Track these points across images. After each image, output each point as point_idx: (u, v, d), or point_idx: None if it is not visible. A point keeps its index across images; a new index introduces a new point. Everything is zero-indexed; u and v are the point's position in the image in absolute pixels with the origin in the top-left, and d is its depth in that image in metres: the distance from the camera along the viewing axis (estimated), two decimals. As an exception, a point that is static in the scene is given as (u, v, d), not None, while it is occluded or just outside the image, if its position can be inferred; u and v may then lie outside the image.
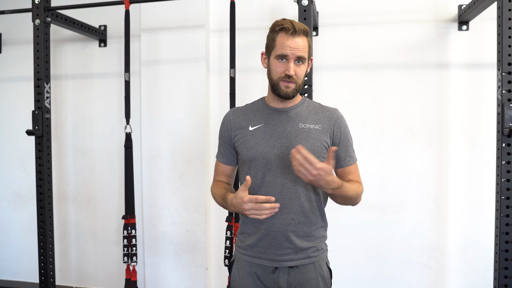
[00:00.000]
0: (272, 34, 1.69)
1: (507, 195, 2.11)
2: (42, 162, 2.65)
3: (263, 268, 1.73)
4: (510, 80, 2.08)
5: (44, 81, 2.62)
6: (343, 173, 1.77)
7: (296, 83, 1.66)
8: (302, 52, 1.63)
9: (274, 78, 1.68)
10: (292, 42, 1.62)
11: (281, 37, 1.64)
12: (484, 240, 2.73)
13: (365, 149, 2.82)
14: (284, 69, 1.64)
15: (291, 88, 1.66)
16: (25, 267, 3.40)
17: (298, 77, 1.66)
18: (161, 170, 2.98)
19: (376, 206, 2.84)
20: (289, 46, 1.62)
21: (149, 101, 2.98)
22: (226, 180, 1.90)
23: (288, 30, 1.62)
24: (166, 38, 2.94)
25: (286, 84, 1.65)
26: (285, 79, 1.65)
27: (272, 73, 1.69)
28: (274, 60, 1.67)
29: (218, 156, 1.88)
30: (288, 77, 1.64)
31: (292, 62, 1.63)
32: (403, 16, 2.80)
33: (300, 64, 1.65)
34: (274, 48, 1.67)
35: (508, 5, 2.08)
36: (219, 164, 1.88)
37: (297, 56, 1.63)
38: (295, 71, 1.64)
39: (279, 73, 1.66)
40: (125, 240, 2.65)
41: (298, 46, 1.63)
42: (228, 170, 1.88)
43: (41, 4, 2.59)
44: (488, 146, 2.68)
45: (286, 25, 1.63)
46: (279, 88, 1.67)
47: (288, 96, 1.68)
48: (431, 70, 2.78)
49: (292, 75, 1.63)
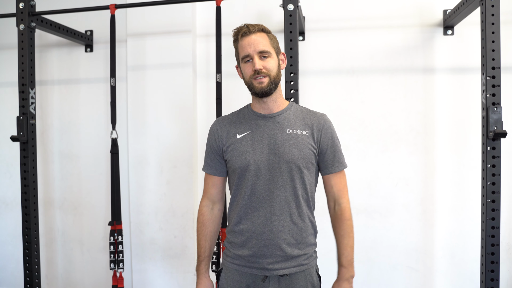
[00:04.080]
0: (235, 44, 1.75)
1: (493, 198, 2.13)
2: (27, 168, 2.62)
3: (253, 277, 1.71)
4: (494, 84, 2.10)
5: (29, 86, 2.59)
6: (328, 180, 1.77)
7: (269, 76, 1.67)
8: (262, 46, 1.66)
9: (247, 79, 1.71)
10: (250, 40, 1.67)
11: (240, 42, 1.69)
12: (470, 243, 2.74)
13: (352, 153, 2.83)
14: (252, 68, 1.67)
15: (264, 82, 1.67)
16: (9, 275, 3.34)
17: (269, 70, 1.67)
18: (148, 175, 2.96)
19: (363, 211, 2.85)
20: (247, 45, 1.66)
21: (136, 107, 2.97)
22: (217, 194, 1.86)
23: (242, 32, 1.68)
24: (153, 43, 2.93)
25: (258, 80, 1.67)
26: (255, 76, 1.66)
27: (244, 77, 1.73)
28: (243, 65, 1.71)
29: (206, 169, 1.85)
30: (258, 72, 1.65)
31: (256, 57, 1.66)
32: (389, 21, 2.82)
33: (267, 58, 1.68)
34: (239, 54, 1.72)
35: (491, 10, 2.10)
36: (209, 176, 1.86)
37: (258, 51, 1.66)
38: (263, 65, 1.66)
39: (249, 73, 1.69)
40: (112, 247, 2.62)
41: (257, 41, 1.66)
42: (219, 181, 1.85)
43: (25, 9, 2.56)
44: (474, 149, 2.70)
45: (240, 29, 1.69)
46: (254, 86, 1.69)
47: (264, 91, 1.68)
48: (417, 75, 2.80)
49: (260, 69, 1.65)
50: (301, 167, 1.68)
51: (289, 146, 1.68)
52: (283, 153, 1.68)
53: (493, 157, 2.12)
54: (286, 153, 1.67)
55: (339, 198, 1.76)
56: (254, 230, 1.69)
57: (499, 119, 2.09)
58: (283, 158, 1.67)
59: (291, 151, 1.68)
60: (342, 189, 1.77)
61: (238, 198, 1.75)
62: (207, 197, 1.86)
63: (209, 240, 1.83)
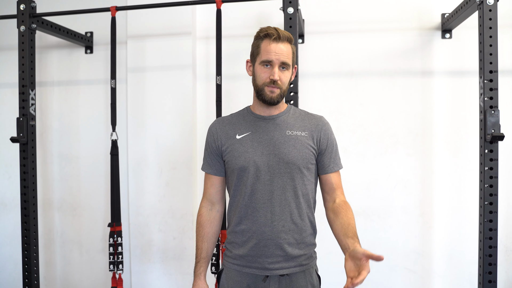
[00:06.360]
0: (257, 41, 1.71)
1: (490, 201, 2.14)
2: (26, 169, 2.62)
3: (253, 277, 1.72)
4: (491, 88, 2.12)
5: (29, 87, 2.60)
6: (326, 179, 1.78)
7: (280, 88, 1.67)
8: (286, 58, 1.66)
9: (259, 83, 1.69)
10: (277, 48, 1.64)
11: (265, 43, 1.66)
12: (468, 245, 2.76)
13: (350, 155, 2.84)
14: (269, 75, 1.66)
15: (275, 93, 1.67)
16: (8, 276, 3.34)
17: (282, 83, 1.67)
18: (148, 177, 2.96)
19: (362, 212, 2.86)
20: (274, 52, 1.64)
21: (136, 108, 2.97)
22: (216, 194, 1.87)
23: (272, 36, 1.65)
24: (153, 45, 2.94)
25: (271, 89, 1.67)
26: (270, 84, 1.66)
27: (257, 79, 1.71)
28: (259, 66, 1.69)
29: (205, 168, 1.86)
30: (273, 82, 1.65)
31: (277, 67, 1.65)
32: (387, 24, 2.84)
33: (285, 70, 1.68)
34: (259, 55, 1.69)
35: (488, 14, 2.12)
36: (209, 176, 1.86)
37: (282, 61, 1.65)
38: (280, 77, 1.66)
39: (264, 78, 1.67)
40: (111, 248, 2.62)
41: (283, 52, 1.65)
42: (218, 181, 1.85)
43: (26, 10, 2.57)
44: (472, 152, 2.72)
45: (271, 31, 1.66)
46: (264, 93, 1.68)
47: (273, 101, 1.69)
48: (415, 77, 2.82)
49: (277, 80, 1.65)
50: (301, 167, 1.70)
51: (288, 147, 1.70)
52: (282, 154, 1.69)
53: (490, 160, 2.14)
54: (285, 154, 1.69)
55: (337, 196, 1.76)
56: (254, 230, 1.70)
57: (497, 122, 2.11)
58: (283, 159, 1.69)
59: (290, 152, 1.69)
60: (339, 188, 1.78)
61: (238, 199, 1.76)
62: (206, 198, 1.87)
63: (206, 241, 1.83)
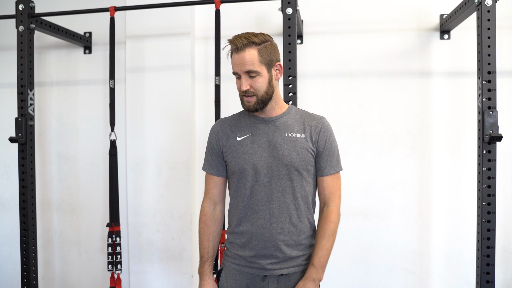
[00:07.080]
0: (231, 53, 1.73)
1: (488, 201, 2.15)
2: (25, 169, 2.62)
3: (252, 276, 1.73)
4: (490, 88, 2.13)
5: (27, 88, 2.60)
6: (321, 182, 1.78)
7: (256, 95, 1.68)
8: (249, 66, 1.63)
9: (239, 94, 1.73)
10: (238, 59, 1.64)
11: (232, 55, 1.68)
12: (466, 246, 2.76)
13: (349, 156, 2.85)
14: (239, 86, 1.69)
15: (251, 102, 1.69)
16: (7, 276, 3.34)
17: (256, 89, 1.67)
18: (146, 177, 2.96)
19: (360, 213, 2.86)
20: (236, 64, 1.66)
21: (134, 108, 2.97)
22: (219, 194, 1.87)
23: (232, 48, 1.66)
24: (152, 45, 2.94)
25: (247, 99, 1.69)
26: (244, 94, 1.69)
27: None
28: (236, 79, 1.72)
29: (207, 168, 1.86)
30: (245, 92, 1.67)
31: (244, 77, 1.66)
32: (386, 25, 2.85)
33: (255, 76, 1.65)
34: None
35: (487, 15, 2.13)
36: (210, 177, 1.86)
37: (245, 71, 1.64)
38: (251, 85, 1.66)
39: (238, 89, 1.71)
40: (110, 248, 2.63)
41: (244, 61, 1.63)
42: (220, 181, 1.86)
43: (25, 10, 2.57)
44: (470, 152, 2.72)
45: (231, 43, 1.66)
46: (243, 103, 1.72)
47: (252, 109, 1.71)
48: (413, 78, 2.82)
49: (245, 90, 1.66)
50: (300, 169, 1.70)
51: (288, 150, 1.71)
52: (282, 156, 1.70)
53: (488, 160, 2.14)
54: (285, 156, 1.69)
55: (329, 200, 1.76)
56: (254, 232, 1.71)
57: (495, 123, 2.11)
58: (282, 161, 1.69)
59: (289, 154, 1.70)
60: (333, 192, 1.76)
61: (237, 200, 1.77)
62: (208, 198, 1.87)
63: (212, 240, 1.84)
